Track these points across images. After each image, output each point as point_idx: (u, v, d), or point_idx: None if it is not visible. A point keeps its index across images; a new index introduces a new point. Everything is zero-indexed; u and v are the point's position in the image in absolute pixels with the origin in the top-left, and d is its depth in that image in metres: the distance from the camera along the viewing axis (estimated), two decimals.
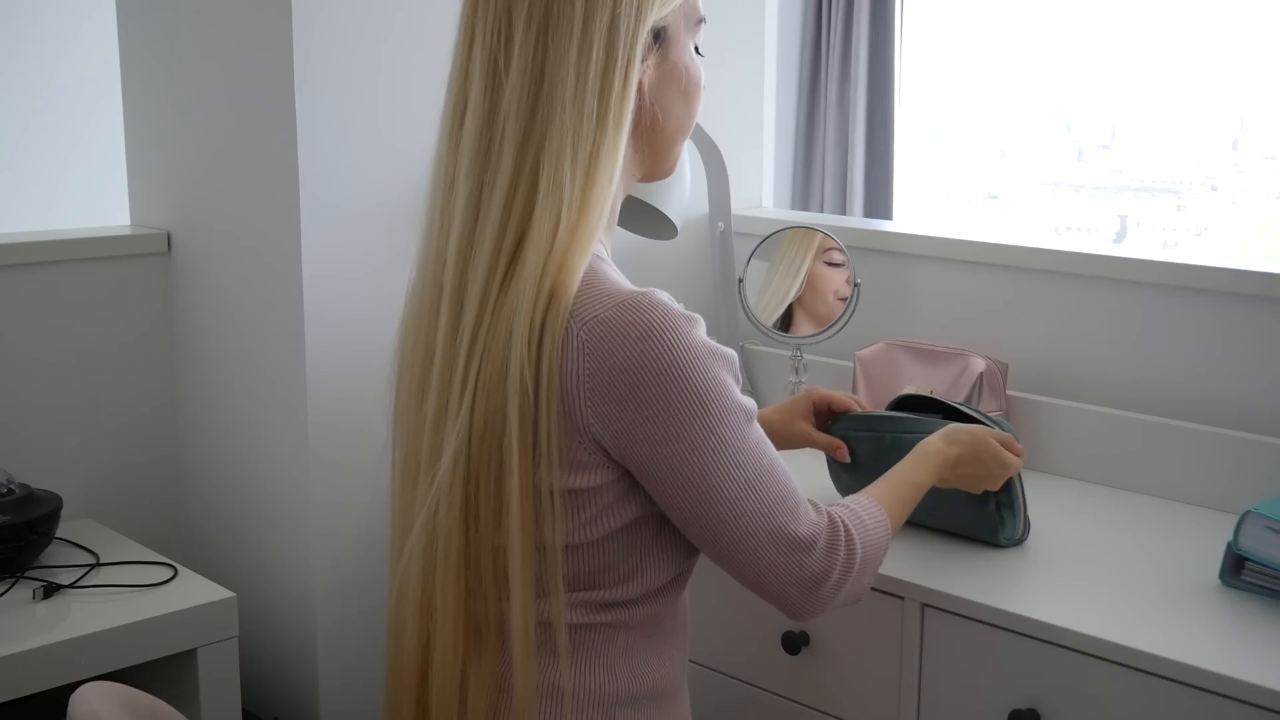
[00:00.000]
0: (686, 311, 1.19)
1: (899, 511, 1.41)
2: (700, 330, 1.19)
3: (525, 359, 1.15)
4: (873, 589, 1.57)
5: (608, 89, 1.19)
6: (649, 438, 1.17)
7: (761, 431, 1.24)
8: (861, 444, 1.67)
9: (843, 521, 1.29)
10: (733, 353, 1.22)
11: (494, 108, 1.21)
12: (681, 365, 1.16)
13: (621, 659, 1.27)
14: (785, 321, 2.15)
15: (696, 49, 1.30)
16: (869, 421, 1.68)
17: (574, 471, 1.19)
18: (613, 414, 1.16)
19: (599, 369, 1.15)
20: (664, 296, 1.18)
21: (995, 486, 1.56)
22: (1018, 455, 1.57)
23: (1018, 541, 1.64)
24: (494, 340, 1.18)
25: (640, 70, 1.23)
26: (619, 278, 1.22)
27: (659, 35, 1.24)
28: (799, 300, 2.14)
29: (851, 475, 1.68)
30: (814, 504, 1.28)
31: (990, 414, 1.70)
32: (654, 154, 1.30)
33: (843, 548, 1.27)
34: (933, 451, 1.49)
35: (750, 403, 1.22)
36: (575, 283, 1.17)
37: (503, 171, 1.20)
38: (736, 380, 1.22)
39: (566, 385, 1.16)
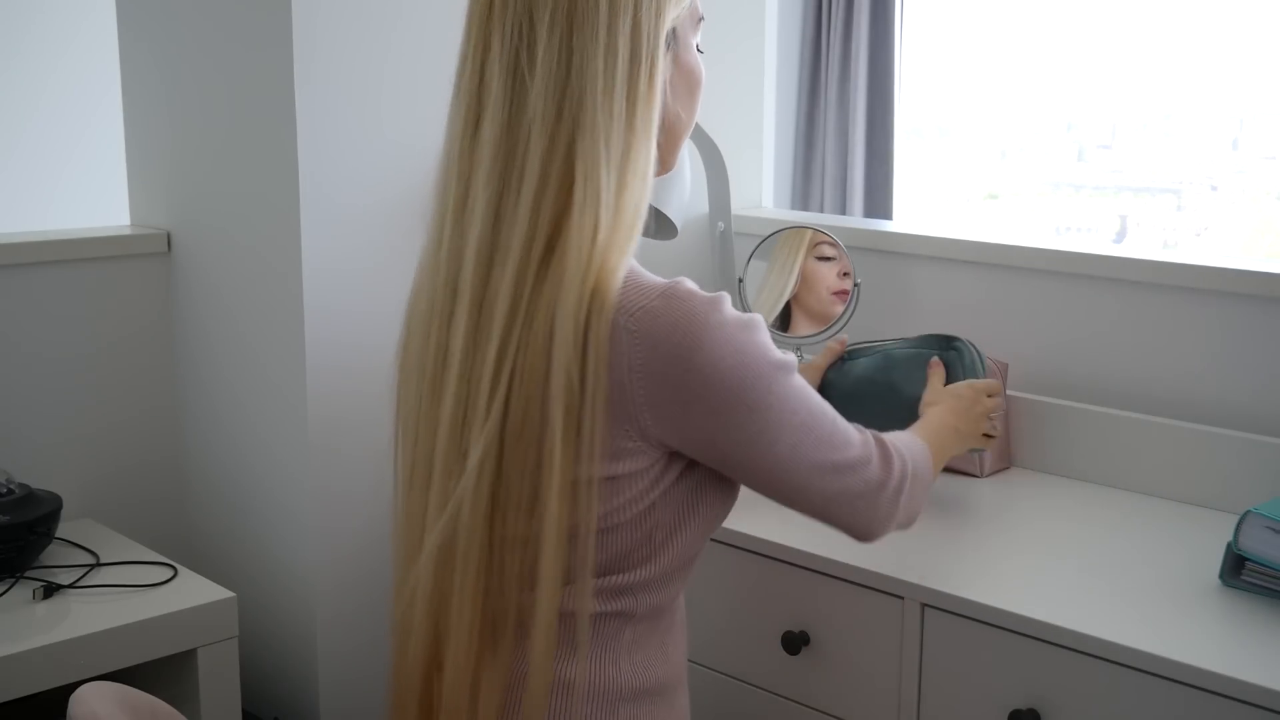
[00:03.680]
0: (711, 293, 1.22)
1: (932, 447, 1.50)
2: (729, 305, 1.22)
3: (572, 357, 1.16)
4: (873, 589, 1.58)
5: (635, 90, 1.20)
6: (709, 410, 1.20)
7: (800, 377, 1.29)
8: (860, 365, 1.85)
9: (882, 437, 1.37)
10: (759, 316, 1.26)
11: (518, 110, 1.20)
12: (725, 341, 1.19)
13: (626, 654, 1.27)
14: (784, 321, 2.15)
15: (697, 47, 1.31)
16: (863, 349, 1.88)
17: (615, 460, 1.20)
18: (667, 398, 1.18)
19: (651, 358, 1.17)
20: (693, 284, 1.22)
21: (984, 421, 1.65)
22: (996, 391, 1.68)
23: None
24: (529, 342, 1.19)
25: (663, 70, 1.23)
26: (646, 271, 1.24)
27: (670, 36, 1.25)
28: (795, 298, 2.14)
29: (845, 405, 1.68)
30: (856, 426, 1.35)
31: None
32: (661, 152, 1.31)
33: (895, 456, 1.36)
34: (925, 402, 1.68)
35: (790, 356, 1.27)
36: (618, 282, 1.18)
37: (529, 175, 1.19)
38: (769, 338, 1.27)
39: (617, 378, 1.17)
